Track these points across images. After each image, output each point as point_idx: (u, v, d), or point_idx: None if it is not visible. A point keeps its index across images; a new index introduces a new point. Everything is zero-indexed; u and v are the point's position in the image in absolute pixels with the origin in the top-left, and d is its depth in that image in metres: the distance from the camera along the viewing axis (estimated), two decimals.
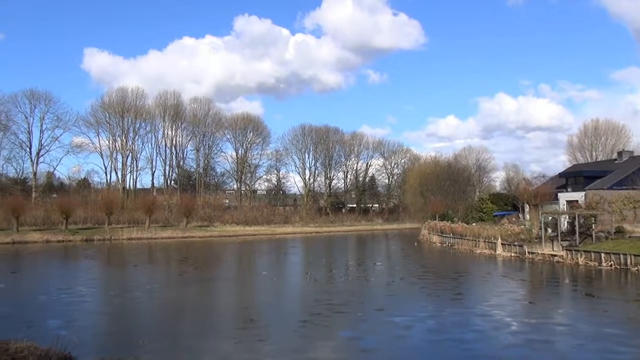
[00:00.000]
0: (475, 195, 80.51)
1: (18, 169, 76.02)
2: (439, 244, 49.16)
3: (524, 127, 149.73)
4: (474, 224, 51.24)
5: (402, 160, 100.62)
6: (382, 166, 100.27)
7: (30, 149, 75.13)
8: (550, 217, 38.85)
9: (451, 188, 73.82)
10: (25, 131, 74.83)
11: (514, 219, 51.27)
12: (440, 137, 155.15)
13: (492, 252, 38.60)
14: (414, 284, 25.64)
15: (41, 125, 75.17)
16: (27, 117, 74.52)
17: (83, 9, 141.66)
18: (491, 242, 39.82)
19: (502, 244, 38.35)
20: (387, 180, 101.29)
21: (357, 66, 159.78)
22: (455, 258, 38.79)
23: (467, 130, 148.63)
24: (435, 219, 57.99)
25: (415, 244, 51.71)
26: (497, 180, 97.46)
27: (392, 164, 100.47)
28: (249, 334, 15.26)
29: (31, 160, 75.23)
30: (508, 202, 64.48)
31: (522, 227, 41.16)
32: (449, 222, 53.39)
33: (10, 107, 73.38)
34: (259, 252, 48.06)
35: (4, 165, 74.74)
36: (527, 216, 46.76)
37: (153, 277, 30.19)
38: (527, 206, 46.64)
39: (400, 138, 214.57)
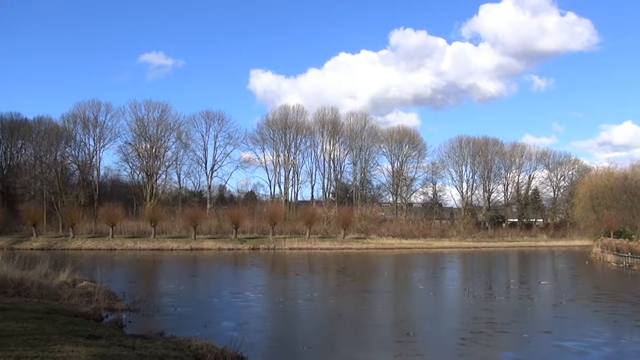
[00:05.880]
0: None
1: (195, 183, 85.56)
2: (614, 264, 44.60)
3: None
4: None
5: (570, 172, 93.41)
6: (546, 178, 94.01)
7: (205, 164, 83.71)
8: None
9: (628, 202, 66.75)
10: (202, 148, 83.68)
11: None
12: (615, 145, 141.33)
13: None
14: (586, 306, 23.59)
15: (215, 143, 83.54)
16: (203, 136, 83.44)
17: (249, 34, 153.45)
18: None
19: None
20: (552, 194, 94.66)
21: (520, 72, 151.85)
22: (634, 280, 34.92)
23: None
24: (610, 236, 52.92)
25: (586, 262, 47.47)
26: None
27: (558, 176, 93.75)
28: (407, 348, 15.21)
29: (206, 175, 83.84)
30: None
31: None
32: (627, 239, 48.45)
33: (190, 127, 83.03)
34: (415, 265, 47.64)
35: (184, 180, 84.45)
36: None
37: (313, 286, 31.60)
38: None
39: (567, 148, 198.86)
